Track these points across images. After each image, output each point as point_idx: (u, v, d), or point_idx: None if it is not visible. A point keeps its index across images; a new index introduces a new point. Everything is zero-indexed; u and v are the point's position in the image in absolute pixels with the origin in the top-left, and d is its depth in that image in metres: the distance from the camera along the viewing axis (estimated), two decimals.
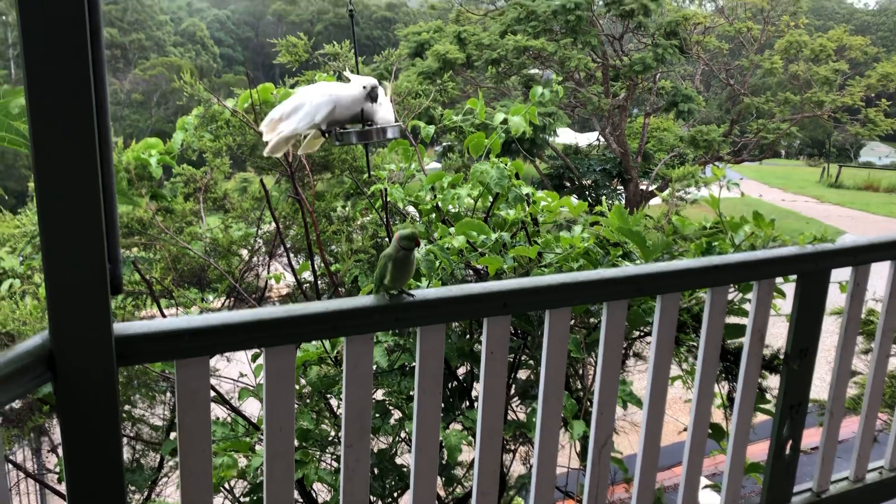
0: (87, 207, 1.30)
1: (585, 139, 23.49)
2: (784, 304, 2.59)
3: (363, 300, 1.77)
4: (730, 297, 2.78)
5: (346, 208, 4.06)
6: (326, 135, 2.41)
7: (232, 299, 3.84)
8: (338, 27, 67.81)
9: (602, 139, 20.83)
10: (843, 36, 19.68)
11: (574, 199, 3.42)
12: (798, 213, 25.53)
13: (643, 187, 20.20)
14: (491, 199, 3.56)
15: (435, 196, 3.53)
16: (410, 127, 3.88)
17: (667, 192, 18.79)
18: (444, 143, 15.68)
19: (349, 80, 2.40)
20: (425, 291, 1.83)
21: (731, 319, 2.76)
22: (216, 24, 67.64)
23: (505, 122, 3.73)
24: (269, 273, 3.92)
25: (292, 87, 4.10)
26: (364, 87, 2.32)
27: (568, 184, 19.93)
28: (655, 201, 21.04)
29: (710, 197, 3.49)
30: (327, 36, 67.78)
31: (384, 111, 2.47)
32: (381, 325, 1.84)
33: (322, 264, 3.63)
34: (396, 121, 2.46)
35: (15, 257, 3.77)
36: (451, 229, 2.96)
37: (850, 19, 79.29)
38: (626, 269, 2.24)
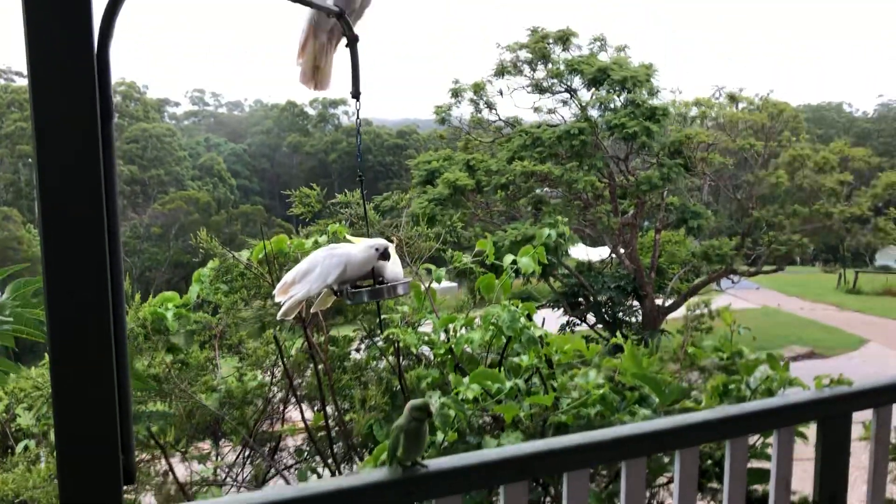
0: (102, 403, 1.32)
1: (598, 254, 23.66)
2: (807, 448, 2.52)
3: (375, 475, 1.75)
4: (751, 440, 2.72)
5: (361, 353, 4.07)
6: (338, 294, 2.46)
7: (248, 450, 3.79)
8: (350, 155, 69.98)
9: (614, 256, 20.98)
10: (845, 148, 20.13)
11: (585, 341, 3.41)
12: (819, 323, 25.23)
13: (659, 303, 20.15)
14: (505, 339, 3.56)
15: (448, 339, 3.54)
16: (422, 270, 3.94)
17: (687, 304, 18.69)
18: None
19: (357, 240, 2.47)
20: (440, 461, 1.81)
21: (755, 463, 2.69)
22: (232, 158, 69.98)
23: (514, 262, 3.79)
24: (282, 425, 3.88)
25: (307, 236, 4.21)
26: (376, 249, 2.39)
27: (583, 301, 19.92)
28: (678, 313, 20.91)
29: (725, 323, 3.49)
30: (341, 164, 69.96)
31: (393, 266, 2.53)
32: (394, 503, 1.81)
33: (336, 412, 3.60)
34: (406, 274, 2.50)
35: (32, 415, 3.77)
36: (466, 379, 2.94)
37: (851, 128, 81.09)
38: (643, 425, 2.21)
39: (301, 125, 74.46)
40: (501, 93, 20.06)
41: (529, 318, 3.50)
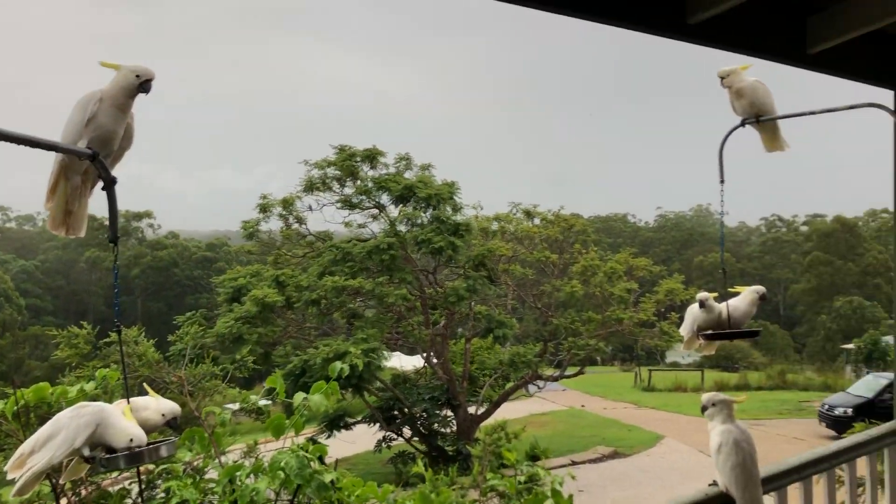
0: None
1: (413, 363, 23.74)
2: None
3: None
4: None
5: None
6: (89, 460, 2.19)
7: None
8: (155, 269, 66.70)
9: (428, 366, 21.14)
10: (629, 258, 21.96)
11: (380, 487, 3.29)
12: (620, 422, 26.59)
13: (472, 411, 20.41)
14: (296, 485, 3.35)
15: (234, 490, 3.28)
16: (204, 414, 3.68)
17: (484, 429, 19.02)
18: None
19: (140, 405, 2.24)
20: None
21: None
22: (22, 275, 64.43)
23: (306, 399, 3.64)
24: None
25: (77, 378, 3.82)
26: (163, 416, 2.19)
27: (398, 414, 19.75)
28: (498, 417, 21.16)
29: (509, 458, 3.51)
30: (145, 279, 66.33)
31: (147, 416, 2.29)
32: None
33: None
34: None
35: None
36: None
37: (636, 237, 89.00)
38: None
39: (101, 239, 70.23)
40: (311, 208, 20.13)
41: (322, 460, 3.34)
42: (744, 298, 3.25)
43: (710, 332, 3.14)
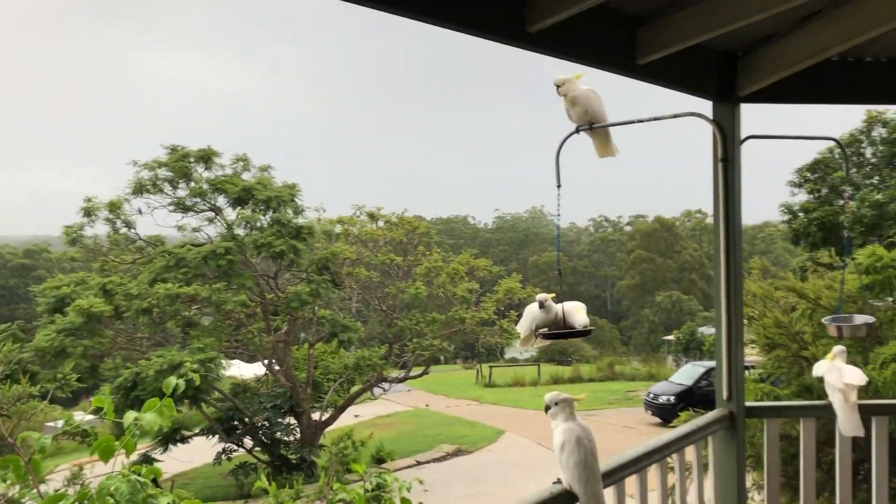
0: None
1: (254, 371, 23.02)
2: None
3: None
4: None
5: None
6: None
7: None
8: None
9: (270, 374, 20.58)
10: (470, 259, 22.46)
11: None
12: (463, 419, 27.12)
13: (316, 417, 20.08)
14: None
15: None
16: (20, 440, 3.34)
17: (331, 440, 18.83)
18: None
19: None
20: None
21: None
22: None
23: (138, 419, 3.39)
24: None
25: None
26: None
27: (239, 424, 19.07)
28: (337, 424, 20.90)
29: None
30: None
31: None
32: None
33: None
34: None
35: None
36: None
37: (476, 238, 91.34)
38: None
39: None
40: (141, 211, 19.04)
41: (156, 482, 3.12)
42: (576, 304, 3.37)
43: (546, 331, 3.23)
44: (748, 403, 3.94)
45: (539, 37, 2.78)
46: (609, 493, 2.96)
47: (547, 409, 2.85)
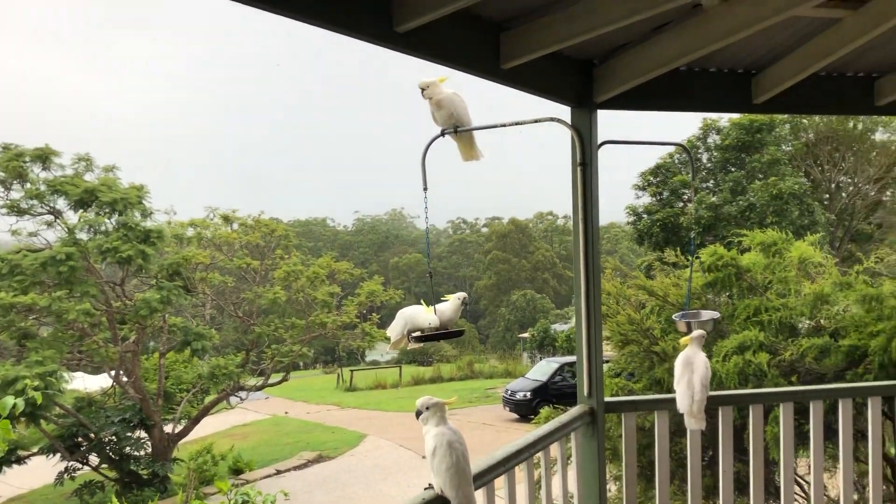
0: None
1: (99, 383, 21.63)
2: None
3: None
4: None
5: None
6: None
7: None
8: None
9: (118, 386, 19.41)
10: (331, 262, 22.18)
11: None
12: (324, 424, 26.74)
13: (169, 430, 19.15)
14: None
15: None
16: None
17: (189, 455, 18.06)
18: None
19: None
20: None
21: None
22: None
23: None
24: None
25: None
26: None
27: (84, 441, 17.86)
28: (192, 435, 20.00)
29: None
30: None
31: None
32: None
33: None
34: None
35: None
36: None
37: (335, 240, 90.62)
38: None
39: None
40: None
41: None
42: (451, 304, 3.39)
43: (418, 334, 3.24)
44: (607, 399, 4.09)
45: (406, 38, 2.76)
46: (479, 495, 2.98)
47: (418, 414, 2.82)
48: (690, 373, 3.77)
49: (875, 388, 4.50)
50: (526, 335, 49.07)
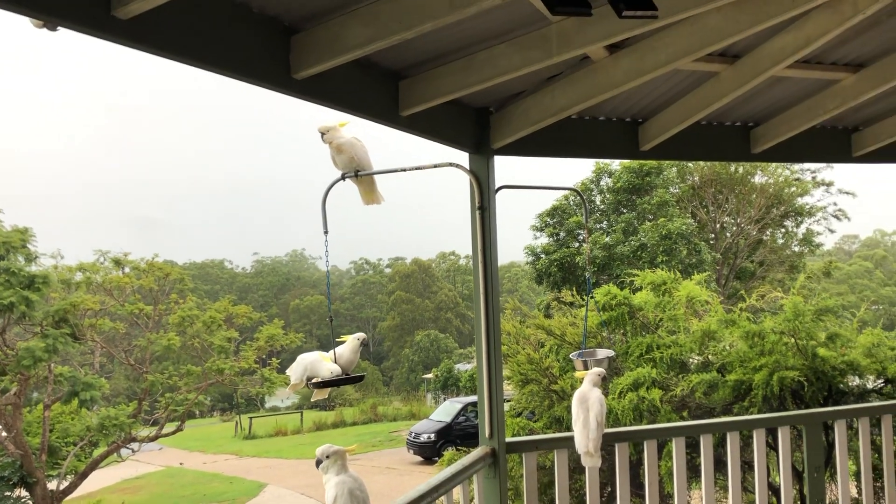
0: None
1: None
2: None
3: None
4: None
5: None
6: None
7: None
8: None
9: None
10: (228, 306, 21.57)
11: None
12: (222, 475, 25.77)
13: (53, 487, 18.00)
14: None
15: None
16: None
17: None
18: None
19: None
20: None
21: None
22: None
23: None
24: None
25: None
26: None
27: None
28: (85, 488, 18.82)
29: None
30: None
31: None
32: None
33: None
34: None
35: None
36: None
37: (233, 283, 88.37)
38: None
39: None
40: None
41: None
42: (348, 346, 3.37)
43: (318, 380, 3.19)
44: (508, 439, 4.14)
45: (304, 84, 2.78)
46: None
47: (318, 463, 2.79)
48: (586, 411, 3.87)
49: (759, 420, 4.73)
50: (430, 376, 48.97)
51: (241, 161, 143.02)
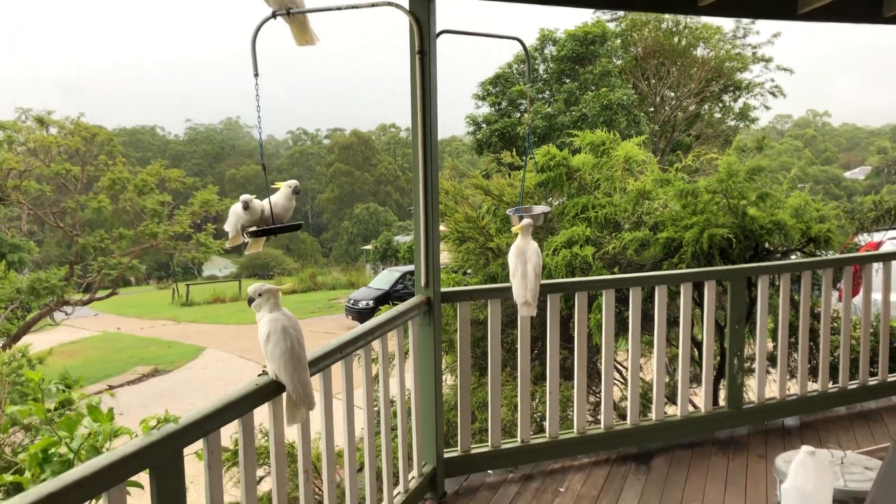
0: None
1: None
2: None
3: None
4: None
5: None
6: None
7: None
8: None
9: None
10: (161, 170, 20.93)
11: None
12: (160, 339, 25.86)
13: None
14: None
15: None
16: None
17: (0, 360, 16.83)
18: None
19: None
20: None
21: None
22: None
23: None
24: None
25: None
26: None
27: None
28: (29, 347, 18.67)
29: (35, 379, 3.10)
30: None
31: None
32: None
33: None
34: None
35: None
36: None
37: (166, 150, 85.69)
38: None
39: None
40: None
41: None
42: (281, 193, 3.27)
43: (254, 229, 3.10)
44: (443, 289, 4.17)
45: None
46: (316, 381, 2.98)
47: (250, 301, 2.74)
48: (524, 263, 3.91)
49: (687, 274, 4.87)
50: (369, 247, 49.24)
51: (170, 20, 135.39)
